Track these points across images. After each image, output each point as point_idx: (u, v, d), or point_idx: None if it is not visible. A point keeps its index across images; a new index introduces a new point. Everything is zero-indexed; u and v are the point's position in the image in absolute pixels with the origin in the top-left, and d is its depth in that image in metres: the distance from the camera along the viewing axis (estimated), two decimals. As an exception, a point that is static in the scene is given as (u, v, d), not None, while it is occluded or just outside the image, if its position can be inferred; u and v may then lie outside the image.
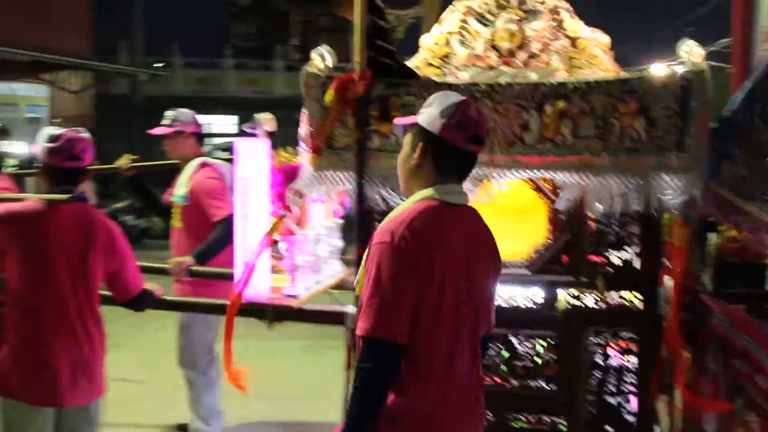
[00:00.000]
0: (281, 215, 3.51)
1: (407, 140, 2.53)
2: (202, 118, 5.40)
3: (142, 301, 3.73)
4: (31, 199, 3.52)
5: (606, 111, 3.21)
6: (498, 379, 3.52)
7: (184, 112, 5.14)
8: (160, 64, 25.21)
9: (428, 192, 2.44)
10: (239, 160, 3.67)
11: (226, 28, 30.28)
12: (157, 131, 5.15)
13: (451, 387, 2.43)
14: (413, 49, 3.75)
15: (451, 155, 2.45)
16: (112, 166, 5.42)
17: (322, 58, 3.40)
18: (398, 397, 2.37)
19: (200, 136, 5.21)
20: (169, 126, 5.08)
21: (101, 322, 3.57)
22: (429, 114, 2.46)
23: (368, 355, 2.33)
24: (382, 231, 2.41)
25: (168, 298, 4.04)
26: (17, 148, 11.64)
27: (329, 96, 3.24)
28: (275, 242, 3.76)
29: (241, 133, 4.01)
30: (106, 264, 3.51)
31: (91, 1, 19.05)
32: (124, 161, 5.30)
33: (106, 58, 22.15)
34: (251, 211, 3.72)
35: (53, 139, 3.46)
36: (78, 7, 18.20)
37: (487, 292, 2.58)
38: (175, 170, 5.17)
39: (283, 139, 5.05)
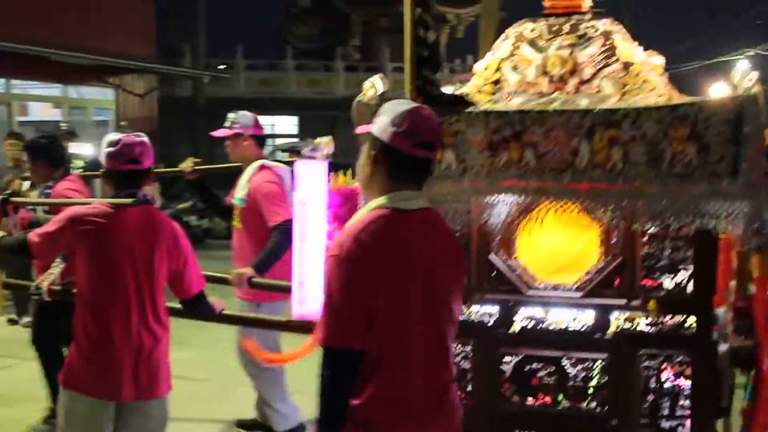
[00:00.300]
0: None
1: (363, 149, 2.58)
2: (263, 120, 5.45)
3: (201, 302, 3.81)
4: (98, 202, 3.65)
5: (657, 137, 3.19)
6: (549, 402, 3.54)
7: (245, 115, 5.20)
8: (223, 67, 25.50)
9: (379, 201, 2.50)
10: (298, 183, 3.75)
11: (287, 30, 30.46)
12: (217, 133, 5.25)
13: (422, 389, 2.51)
14: (472, 46, 3.80)
15: (401, 162, 2.48)
16: (177, 168, 5.53)
17: (374, 86, 3.47)
18: (365, 400, 2.45)
19: (260, 139, 5.27)
20: (230, 128, 5.16)
21: (165, 321, 3.67)
22: (381, 123, 2.50)
23: (327, 363, 2.44)
24: (333, 244, 2.50)
25: (229, 312, 4.15)
26: (85, 150, 11.96)
27: None
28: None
29: (299, 155, 4.07)
30: (169, 264, 3.62)
31: (156, 6, 19.37)
32: (187, 164, 5.40)
33: (170, 62, 22.48)
34: (309, 234, 3.79)
35: (112, 144, 3.57)
36: (143, 12, 18.53)
37: (453, 292, 2.63)
38: (238, 172, 5.28)
39: (344, 139, 5.09)
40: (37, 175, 5.58)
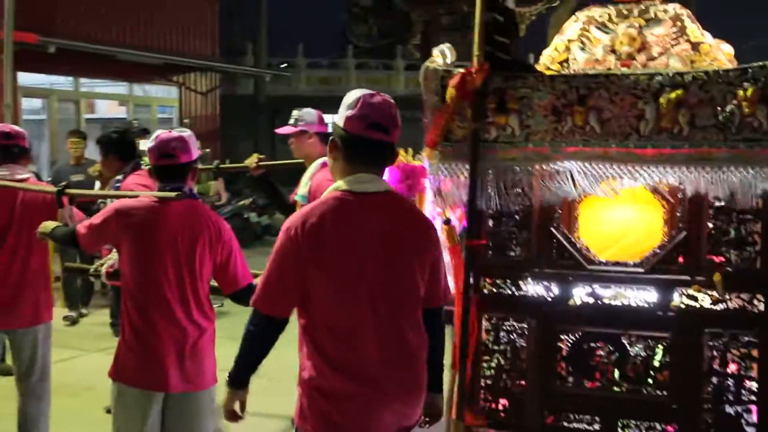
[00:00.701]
0: (450, 224, 3.50)
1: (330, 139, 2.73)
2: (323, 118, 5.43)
3: (249, 295, 3.76)
4: (144, 196, 3.67)
5: (725, 100, 3.12)
6: (606, 383, 3.44)
7: (310, 112, 5.14)
8: (284, 65, 25.72)
9: (337, 184, 2.68)
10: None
11: (348, 29, 30.63)
12: (282, 130, 5.22)
13: (371, 357, 2.64)
14: (534, 46, 3.78)
15: (355, 145, 2.63)
16: (241, 164, 5.53)
17: (442, 55, 3.45)
18: (314, 369, 2.69)
19: (325, 136, 5.14)
20: (294, 125, 5.13)
21: (210, 313, 3.66)
22: (340, 110, 2.66)
23: (252, 320, 2.74)
24: (287, 221, 2.69)
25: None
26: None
27: (450, 93, 3.27)
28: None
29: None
30: (212, 257, 3.61)
31: (219, 6, 19.60)
32: (251, 160, 5.40)
33: (233, 60, 22.75)
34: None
35: (152, 140, 3.63)
36: (207, 12, 18.78)
37: (416, 268, 2.73)
38: (301, 169, 5.26)
39: (404, 137, 5.05)
40: (108, 169, 5.67)
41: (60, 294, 8.09)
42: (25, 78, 13.62)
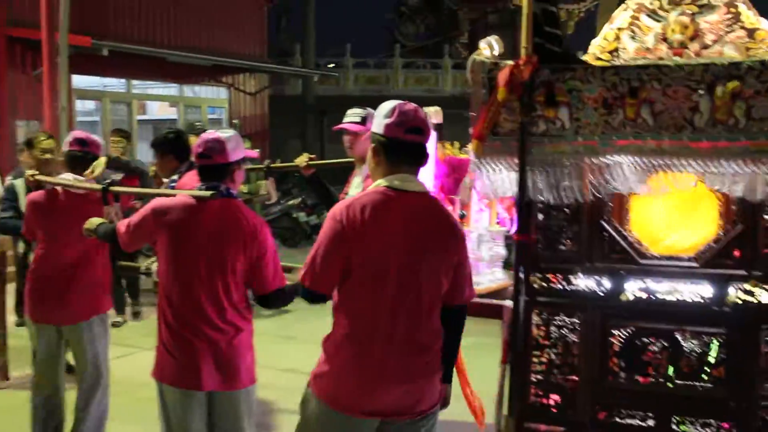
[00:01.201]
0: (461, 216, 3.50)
1: (370, 146, 2.98)
2: (354, 118, 5.34)
3: (277, 300, 3.73)
4: (182, 195, 3.69)
5: (784, 91, 3.03)
6: (660, 379, 3.38)
7: (371, 112, 5.09)
8: (332, 65, 25.80)
9: (379, 181, 2.92)
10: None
11: (396, 28, 30.62)
12: (350, 127, 5.15)
13: (379, 343, 2.86)
14: (583, 43, 3.72)
15: (397, 148, 2.89)
16: (292, 164, 5.53)
17: (489, 47, 3.42)
18: (333, 336, 2.94)
19: None
20: (362, 123, 5.02)
21: (246, 313, 3.65)
22: (377, 120, 2.94)
23: (302, 294, 3.04)
24: (332, 208, 2.95)
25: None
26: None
27: (502, 94, 3.26)
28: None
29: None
30: (245, 257, 3.58)
31: (268, 7, 19.74)
32: (302, 159, 5.38)
33: (281, 61, 22.92)
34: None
35: (197, 140, 3.67)
36: (255, 13, 18.93)
37: (439, 266, 2.93)
38: (351, 168, 5.22)
39: (451, 136, 5.01)
40: (163, 169, 5.72)
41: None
42: (79, 80, 13.86)
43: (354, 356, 2.89)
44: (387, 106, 2.93)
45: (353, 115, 4.97)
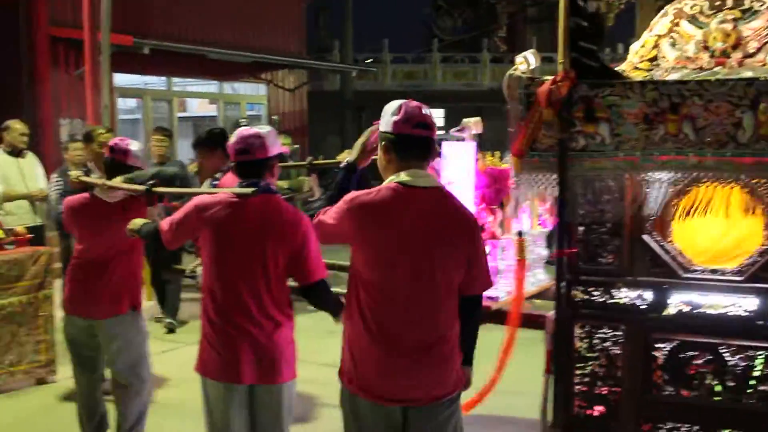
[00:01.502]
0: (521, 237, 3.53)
1: (379, 146, 3.11)
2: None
3: (321, 291, 3.75)
4: (223, 192, 3.74)
5: (830, 107, 2.98)
6: (705, 392, 3.37)
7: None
8: (369, 61, 25.79)
9: (391, 177, 3.05)
10: (446, 163, 3.72)
11: (433, 23, 30.54)
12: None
13: (394, 328, 3.00)
14: (623, 34, 3.69)
15: (406, 143, 3.02)
16: (334, 160, 5.54)
17: (526, 61, 3.40)
18: (350, 328, 3.09)
19: None
20: None
21: (287, 309, 3.69)
22: (384, 119, 3.07)
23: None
24: (348, 194, 3.10)
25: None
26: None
27: (547, 115, 3.27)
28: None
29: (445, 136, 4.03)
30: (285, 251, 3.62)
31: (306, 3, 19.77)
32: (344, 155, 5.40)
33: (319, 57, 22.94)
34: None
35: (232, 138, 3.71)
36: (293, 10, 18.94)
37: (452, 258, 3.04)
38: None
39: (489, 129, 4.99)
40: (208, 167, 5.73)
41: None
42: (120, 78, 14.00)
43: (371, 345, 3.03)
44: (393, 104, 3.08)
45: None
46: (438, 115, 27.98)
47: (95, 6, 9.55)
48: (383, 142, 3.07)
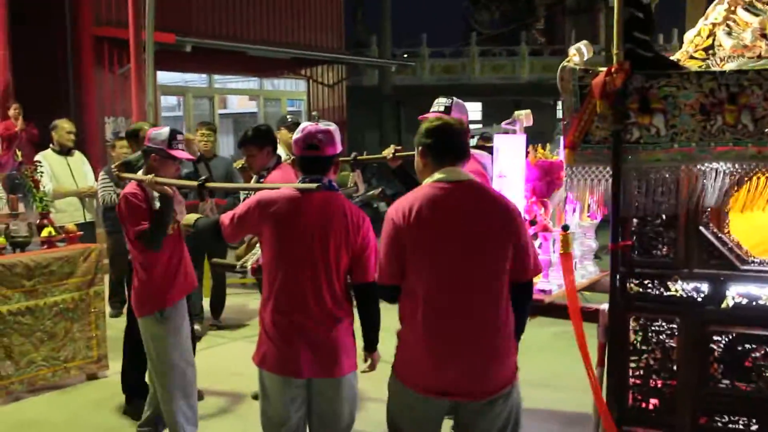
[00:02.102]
0: (568, 231, 3.51)
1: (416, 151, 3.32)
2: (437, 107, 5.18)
3: (369, 292, 3.71)
4: (286, 188, 3.75)
5: None
6: (763, 385, 3.32)
7: (460, 103, 4.90)
8: (407, 55, 25.75)
9: (428, 179, 3.21)
10: (497, 155, 3.71)
11: (471, 16, 30.40)
12: (432, 116, 5.12)
13: (445, 325, 3.11)
14: (675, 19, 3.63)
15: (437, 146, 3.22)
16: (379, 156, 5.52)
17: (579, 53, 3.37)
18: (403, 326, 3.23)
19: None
20: (445, 113, 4.99)
21: (346, 304, 3.70)
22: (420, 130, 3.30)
23: (378, 291, 3.45)
24: (390, 208, 3.28)
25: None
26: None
27: (600, 107, 3.25)
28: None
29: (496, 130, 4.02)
30: (348, 249, 3.64)
31: (344, 0, 19.81)
32: (389, 151, 5.38)
33: (358, 52, 22.97)
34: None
35: (299, 132, 3.70)
36: (332, 6, 18.97)
37: (496, 246, 3.14)
38: None
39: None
40: (259, 163, 5.74)
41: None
42: (162, 76, 14.12)
43: (423, 337, 3.13)
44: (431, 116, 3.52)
45: (438, 104, 4.94)
46: (475, 109, 27.89)
47: (139, 6, 9.64)
48: (419, 147, 3.27)
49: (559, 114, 26.08)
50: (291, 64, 17.36)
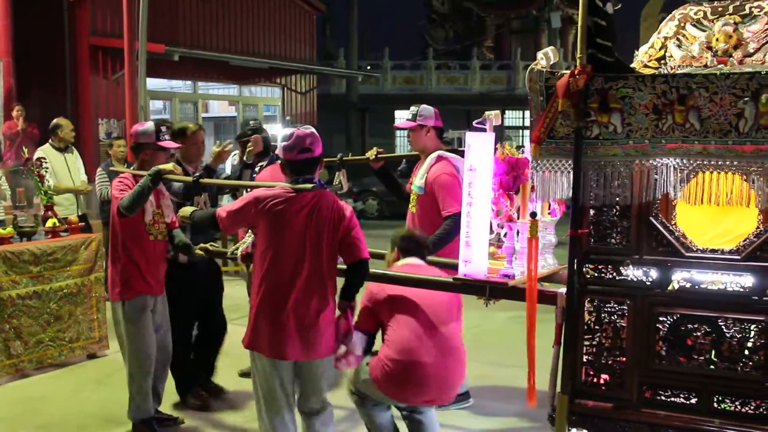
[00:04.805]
0: (535, 218, 3.41)
1: None
2: (406, 114, 5.10)
3: (363, 268, 3.76)
4: (280, 187, 3.68)
5: (824, 97, 2.86)
6: (703, 362, 3.23)
7: (427, 108, 4.93)
8: (371, 67, 25.71)
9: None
10: (469, 151, 3.63)
11: (427, 34, 30.34)
12: (400, 125, 5.05)
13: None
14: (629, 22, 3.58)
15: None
16: (363, 157, 5.42)
17: (546, 57, 3.29)
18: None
19: (440, 131, 4.99)
20: (413, 120, 4.91)
21: (331, 289, 3.69)
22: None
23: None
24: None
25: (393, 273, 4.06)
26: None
27: (562, 105, 3.14)
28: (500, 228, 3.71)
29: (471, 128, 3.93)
30: (336, 237, 3.64)
31: (316, 16, 19.70)
32: (372, 153, 5.28)
33: (327, 63, 22.90)
34: (476, 198, 3.65)
35: (286, 137, 3.65)
36: (305, 22, 18.95)
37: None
38: (416, 160, 5.12)
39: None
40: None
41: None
42: (152, 82, 14.00)
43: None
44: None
45: (407, 114, 4.91)
46: (432, 116, 27.81)
47: (133, 19, 9.54)
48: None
49: (507, 121, 26.33)
50: (268, 73, 17.31)
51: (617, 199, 3.27)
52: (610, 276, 3.34)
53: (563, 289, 3.42)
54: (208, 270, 5.15)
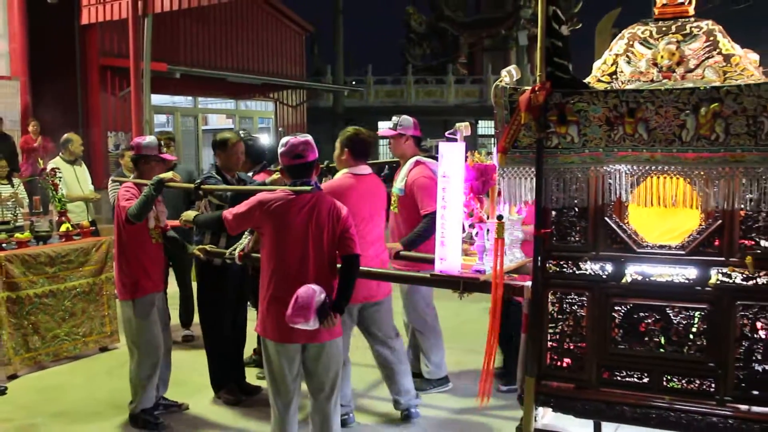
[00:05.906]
0: (501, 220, 3.45)
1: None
2: (387, 124, 5.28)
3: (356, 262, 3.76)
4: (281, 189, 3.73)
5: (756, 111, 2.94)
6: (653, 346, 3.30)
7: (407, 119, 5.02)
8: (356, 82, 25.69)
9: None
10: (442, 159, 3.67)
11: (407, 52, 30.36)
12: (383, 133, 5.13)
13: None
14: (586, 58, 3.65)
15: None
16: None
17: (509, 74, 3.34)
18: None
19: (418, 139, 5.08)
20: (394, 129, 5.02)
21: (332, 280, 3.71)
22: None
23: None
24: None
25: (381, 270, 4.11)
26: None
27: (525, 118, 3.18)
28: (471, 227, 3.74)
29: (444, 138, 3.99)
30: (333, 233, 3.67)
31: (305, 35, 19.69)
32: None
33: (316, 79, 22.86)
34: (450, 202, 3.69)
35: (283, 144, 3.70)
36: (295, 41, 18.95)
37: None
38: (397, 166, 5.20)
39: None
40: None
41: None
42: (155, 98, 13.98)
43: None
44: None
45: (389, 124, 5.00)
46: (411, 126, 27.80)
47: (138, 40, 9.53)
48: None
49: (480, 130, 26.37)
50: (261, 89, 17.30)
51: (575, 201, 3.33)
52: (571, 271, 3.40)
53: (529, 282, 3.47)
54: (240, 270, 5.14)
